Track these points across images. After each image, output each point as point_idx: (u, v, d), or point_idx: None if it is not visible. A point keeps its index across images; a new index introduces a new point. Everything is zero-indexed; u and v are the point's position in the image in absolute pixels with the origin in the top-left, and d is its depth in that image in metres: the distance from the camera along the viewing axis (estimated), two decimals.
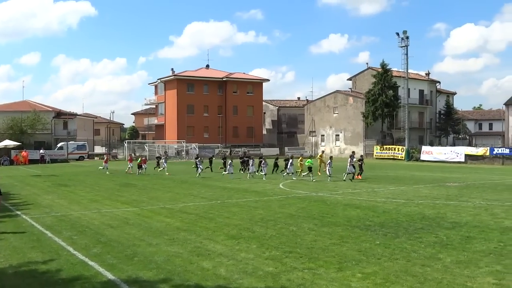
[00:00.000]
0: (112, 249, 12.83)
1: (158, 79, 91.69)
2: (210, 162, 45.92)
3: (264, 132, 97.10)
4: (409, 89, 73.60)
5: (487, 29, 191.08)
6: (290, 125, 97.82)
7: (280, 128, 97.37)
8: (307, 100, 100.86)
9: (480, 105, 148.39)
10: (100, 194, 26.21)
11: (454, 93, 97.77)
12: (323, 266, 10.99)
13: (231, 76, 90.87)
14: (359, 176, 34.51)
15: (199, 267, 11.01)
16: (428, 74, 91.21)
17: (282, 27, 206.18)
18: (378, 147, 71.50)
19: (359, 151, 70.84)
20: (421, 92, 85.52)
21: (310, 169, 34.09)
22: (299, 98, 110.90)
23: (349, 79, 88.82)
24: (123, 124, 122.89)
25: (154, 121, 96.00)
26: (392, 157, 66.87)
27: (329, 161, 34.38)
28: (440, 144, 79.37)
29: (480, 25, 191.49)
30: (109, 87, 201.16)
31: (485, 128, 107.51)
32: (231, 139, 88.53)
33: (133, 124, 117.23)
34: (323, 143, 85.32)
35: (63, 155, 71.63)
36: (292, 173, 35.72)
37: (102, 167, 45.37)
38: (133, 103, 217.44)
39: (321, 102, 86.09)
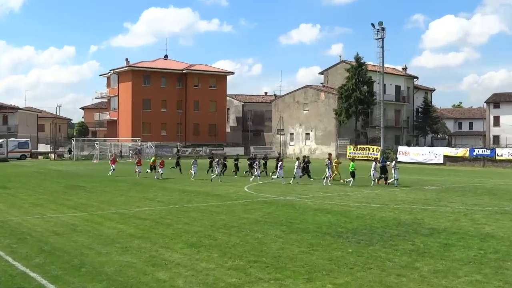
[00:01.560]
0: (57, 258, 12.60)
1: (110, 70, 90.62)
2: (177, 163, 45.15)
3: (228, 130, 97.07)
4: (384, 84, 74.61)
5: (468, 22, 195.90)
6: (256, 123, 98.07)
7: (245, 125, 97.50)
8: (275, 95, 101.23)
9: (460, 102, 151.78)
10: (44, 197, 25.73)
11: (433, 90, 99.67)
12: (291, 276, 11.01)
13: (192, 68, 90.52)
14: (382, 181, 33.25)
15: (154, 278, 10.89)
16: (405, 68, 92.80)
17: (249, 16, 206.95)
18: (352, 147, 72.30)
19: (331, 151, 71.42)
20: (398, 88, 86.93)
21: (353, 174, 32.49)
22: (266, 93, 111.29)
23: (321, 73, 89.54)
24: (71, 120, 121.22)
25: (106, 116, 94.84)
26: (366, 157, 67.72)
27: (297, 163, 34.51)
28: (417, 144, 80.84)
29: (461, 17, 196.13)
30: (56, 78, 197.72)
31: (465, 127, 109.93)
32: (191, 138, 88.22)
33: (82, 120, 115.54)
34: (292, 143, 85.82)
35: (3, 154, 70.11)
36: (283, 177, 33.95)
37: (112, 170, 40.69)
38: (82, 96, 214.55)
39: (290, 97, 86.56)
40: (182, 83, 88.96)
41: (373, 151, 69.23)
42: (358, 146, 72.17)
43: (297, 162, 34.53)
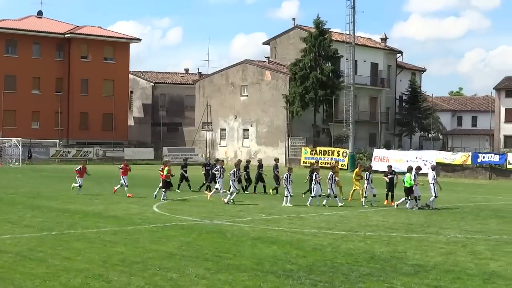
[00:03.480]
0: None
1: None
2: (183, 176, 42.65)
3: (131, 122, 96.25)
4: (356, 61, 75.75)
5: None
6: (172, 113, 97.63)
7: (156, 116, 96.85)
8: (199, 73, 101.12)
9: (460, 89, 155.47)
10: None
11: (423, 70, 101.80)
12: None
13: (79, 32, 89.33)
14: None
15: None
16: (384, 39, 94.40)
17: None
18: (308, 150, 72.89)
19: (279, 154, 71.78)
20: (375, 66, 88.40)
21: (410, 190, 31.74)
22: (187, 70, 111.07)
23: (266, 42, 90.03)
24: None
25: None
26: (329, 164, 68.48)
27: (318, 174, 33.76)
28: (400, 147, 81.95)
29: None
30: None
31: (467, 123, 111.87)
32: (77, 133, 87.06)
33: None
34: (223, 142, 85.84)
35: None
36: (320, 196, 33.21)
37: (124, 183, 37.81)
38: None
39: (221, 77, 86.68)
40: (64, 53, 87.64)
41: (339, 155, 69.89)
42: (318, 149, 72.73)
43: (234, 170, 34.46)
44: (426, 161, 62.28)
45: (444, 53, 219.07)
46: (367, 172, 34.17)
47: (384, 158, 65.30)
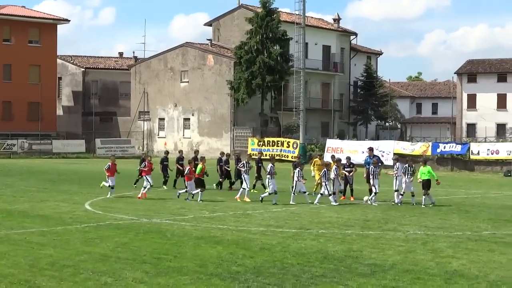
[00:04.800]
0: None
1: None
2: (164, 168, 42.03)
3: (60, 112, 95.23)
4: (307, 44, 76.09)
5: None
6: (105, 101, 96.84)
7: (87, 105, 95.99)
8: (135, 58, 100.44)
9: (419, 74, 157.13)
10: None
11: (379, 53, 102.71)
12: None
13: (0, 12, 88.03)
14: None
15: None
16: (338, 20, 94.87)
17: None
18: (256, 141, 72.97)
19: (224, 146, 71.89)
20: (327, 49, 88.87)
21: (428, 185, 31.82)
22: (122, 54, 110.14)
23: (208, 23, 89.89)
24: None
25: None
26: (278, 156, 68.67)
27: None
28: (355, 137, 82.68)
29: None
30: None
31: (426, 111, 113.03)
32: None
33: None
34: (162, 133, 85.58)
35: None
36: (322, 194, 32.68)
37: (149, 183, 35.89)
38: None
39: (159, 62, 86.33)
40: None
41: (289, 146, 70.13)
42: (266, 140, 72.83)
43: (244, 162, 34.38)
44: (383, 151, 62.90)
45: (402, 35, 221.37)
46: (335, 166, 33.69)
47: (338, 149, 65.42)
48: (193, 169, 33.15)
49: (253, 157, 38.52)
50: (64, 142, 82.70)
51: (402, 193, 32.21)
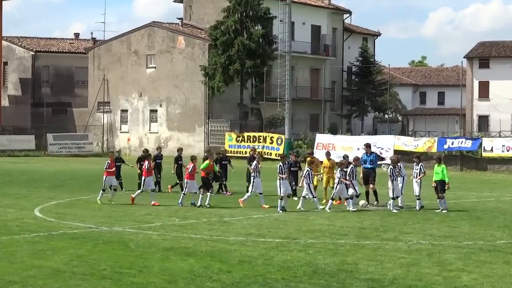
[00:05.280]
0: None
1: None
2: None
3: (5, 103, 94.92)
4: (293, 23, 76.17)
5: None
6: (58, 90, 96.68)
7: (38, 95, 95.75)
8: (94, 40, 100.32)
9: (424, 58, 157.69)
10: None
11: (377, 35, 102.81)
12: None
13: None
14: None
15: None
16: None
17: None
18: (234, 136, 73.03)
19: (197, 142, 71.82)
20: (316, 30, 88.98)
21: (442, 187, 31.79)
22: (78, 35, 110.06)
23: (179, 0, 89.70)
24: None
25: None
26: (264, 154, 68.73)
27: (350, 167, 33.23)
28: (349, 131, 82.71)
29: None
30: None
31: (432, 101, 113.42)
32: None
33: None
34: (125, 127, 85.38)
35: None
36: (304, 197, 32.38)
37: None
38: None
39: (121, 44, 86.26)
40: None
41: (272, 143, 70.12)
42: (246, 135, 72.96)
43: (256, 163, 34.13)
44: (382, 148, 62.82)
45: (403, 13, 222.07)
46: (352, 166, 33.33)
47: (330, 146, 65.24)
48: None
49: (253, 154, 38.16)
50: (10, 137, 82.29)
51: (393, 197, 32.41)
